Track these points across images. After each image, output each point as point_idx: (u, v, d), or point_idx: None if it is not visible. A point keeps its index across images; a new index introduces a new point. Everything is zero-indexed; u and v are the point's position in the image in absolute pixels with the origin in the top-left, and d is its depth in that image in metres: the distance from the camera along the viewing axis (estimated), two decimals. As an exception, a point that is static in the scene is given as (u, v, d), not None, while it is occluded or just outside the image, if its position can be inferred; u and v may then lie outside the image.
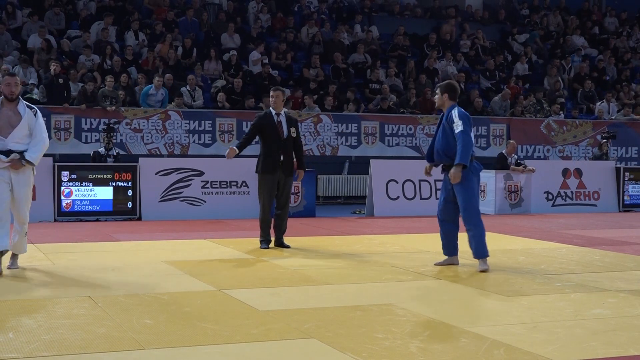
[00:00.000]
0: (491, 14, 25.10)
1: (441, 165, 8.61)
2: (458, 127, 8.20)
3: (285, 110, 10.20)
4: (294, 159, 10.22)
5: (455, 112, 8.29)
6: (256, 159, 9.99)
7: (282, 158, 9.82)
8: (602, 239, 11.52)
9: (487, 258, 8.49)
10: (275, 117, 9.88)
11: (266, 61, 19.36)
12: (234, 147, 9.84)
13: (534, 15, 25.49)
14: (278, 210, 10.06)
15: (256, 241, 10.15)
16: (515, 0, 26.37)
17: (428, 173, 8.97)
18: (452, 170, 8.22)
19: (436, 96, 8.65)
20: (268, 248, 9.90)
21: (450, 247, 8.74)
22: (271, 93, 10.02)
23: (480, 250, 8.44)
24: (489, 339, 5.46)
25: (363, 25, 22.53)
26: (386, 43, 22.29)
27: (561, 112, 20.25)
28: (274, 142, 9.82)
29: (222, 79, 18.54)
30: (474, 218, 8.38)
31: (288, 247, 9.99)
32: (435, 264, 8.72)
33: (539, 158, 19.19)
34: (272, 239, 10.09)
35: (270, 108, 10.02)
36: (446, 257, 8.77)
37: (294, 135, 9.95)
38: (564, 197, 16.32)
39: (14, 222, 8.02)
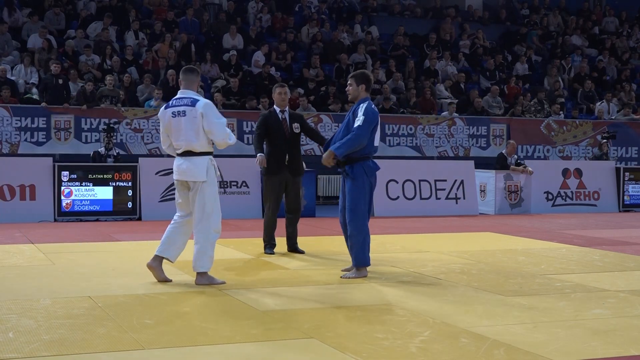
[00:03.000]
0: (491, 14, 25.11)
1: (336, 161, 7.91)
2: (358, 121, 7.65)
3: (288, 108, 9.84)
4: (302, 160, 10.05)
5: (362, 107, 7.73)
6: (255, 159, 9.60)
7: (287, 157, 9.47)
8: (602, 239, 11.52)
9: (367, 267, 7.95)
10: (279, 115, 9.54)
11: (264, 61, 19.38)
12: (262, 154, 9.42)
13: (533, 15, 25.50)
14: (289, 214, 9.66)
15: (256, 241, 10.14)
16: (515, 0, 26.37)
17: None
18: (324, 155, 7.76)
19: (350, 87, 7.99)
20: (273, 253, 9.51)
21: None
22: (278, 90, 9.66)
23: (360, 258, 7.86)
24: (489, 339, 5.46)
25: (363, 25, 22.54)
26: (386, 43, 22.30)
27: (561, 112, 20.24)
28: (278, 140, 9.47)
29: (222, 79, 18.55)
30: (359, 221, 7.80)
31: (302, 252, 9.62)
32: (343, 270, 8.08)
33: (539, 158, 19.18)
34: (279, 242, 9.81)
35: (275, 106, 9.68)
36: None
37: (297, 131, 9.55)
38: (564, 197, 16.32)
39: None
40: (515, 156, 16.42)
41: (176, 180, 7.45)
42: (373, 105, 7.87)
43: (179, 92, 7.46)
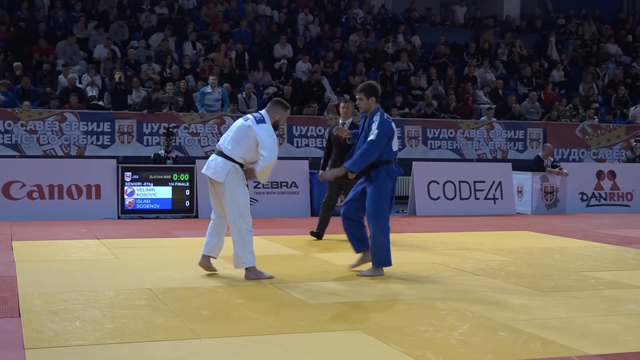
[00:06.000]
0: (528, 24, 24.84)
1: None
2: (372, 135, 7.37)
3: (353, 118, 10.47)
4: None
5: (376, 120, 7.45)
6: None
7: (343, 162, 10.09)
8: (636, 238, 11.31)
9: (385, 267, 7.65)
10: (341, 126, 10.12)
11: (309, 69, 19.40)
12: (322, 170, 10.40)
13: (569, 24, 25.18)
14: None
15: (305, 238, 10.34)
16: (552, 10, 26.04)
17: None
18: (335, 170, 7.65)
19: (360, 101, 7.65)
20: (316, 238, 10.51)
21: (358, 243, 7.81)
22: (342, 104, 10.61)
23: (383, 259, 7.58)
24: (526, 333, 5.40)
25: (406, 35, 22.45)
26: (428, 52, 22.20)
27: (595, 117, 19.96)
28: (337, 149, 10.24)
29: (273, 86, 18.63)
30: (381, 222, 7.47)
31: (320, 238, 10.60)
32: (350, 267, 7.86)
33: (574, 160, 18.91)
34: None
35: (340, 118, 10.56)
36: (358, 254, 7.87)
37: (349, 142, 9.97)
38: (598, 198, 16.07)
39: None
40: (551, 158, 16.20)
41: (204, 173, 7.47)
42: (386, 116, 7.59)
43: None
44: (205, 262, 7.60)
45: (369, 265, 7.73)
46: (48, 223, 12.03)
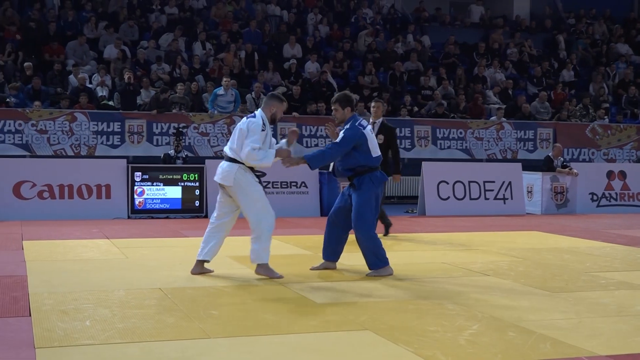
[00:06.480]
0: (538, 24, 24.79)
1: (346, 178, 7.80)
2: (337, 139, 7.52)
3: (384, 118, 10.69)
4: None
5: (346, 127, 7.57)
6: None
7: None
8: (646, 238, 11.29)
9: (387, 266, 7.67)
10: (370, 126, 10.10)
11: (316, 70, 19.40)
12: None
13: (579, 24, 25.10)
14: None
15: (315, 238, 10.22)
16: (562, 9, 25.97)
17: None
18: (292, 158, 7.55)
19: (336, 112, 7.69)
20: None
21: (330, 251, 7.95)
22: (372, 104, 10.81)
23: (374, 262, 7.64)
24: (536, 333, 5.39)
25: (415, 35, 22.44)
26: (438, 52, 22.18)
27: (606, 117, 19.90)
28: None
29: (282, 86, 18.64)
30: (365, 229, 7.54)
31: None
32: (311, 269, 7.93)
33: (584, 160, 18.86)
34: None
35: (370, 117, 10.67)
36: (324, 261, 8.00)
37: (380, 141, 9.65)
38: (608, 198, 16.03)
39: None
40: (561, 159, 16.17)
41: (215, 180, 7.55)
42: (357, 123, 7.61)
43: None
44: (199, 269, 7.54)
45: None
46: (58, 223, 12.08)
